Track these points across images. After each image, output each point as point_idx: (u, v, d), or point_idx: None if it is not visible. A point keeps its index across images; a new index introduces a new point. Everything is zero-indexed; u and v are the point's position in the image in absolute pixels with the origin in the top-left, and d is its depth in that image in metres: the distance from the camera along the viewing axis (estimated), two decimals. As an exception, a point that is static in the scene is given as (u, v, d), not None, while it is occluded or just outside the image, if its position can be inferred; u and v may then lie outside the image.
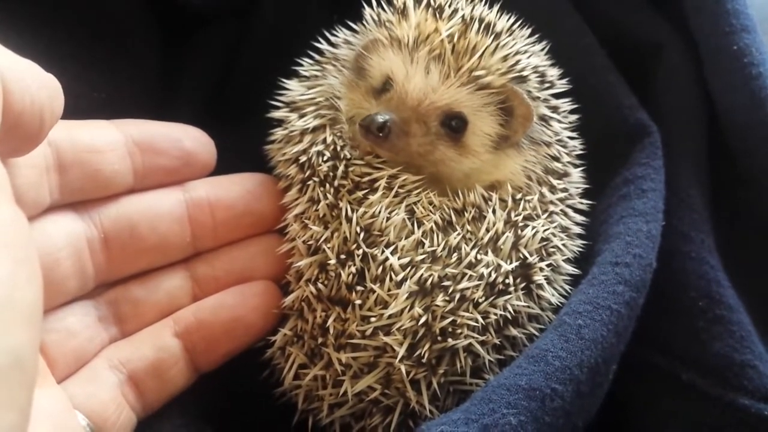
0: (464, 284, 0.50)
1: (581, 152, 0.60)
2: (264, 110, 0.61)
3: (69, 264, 0.50)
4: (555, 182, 0.57)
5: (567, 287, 0.55)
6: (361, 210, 0.53)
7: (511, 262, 0.52)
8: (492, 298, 0.51)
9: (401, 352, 0.49)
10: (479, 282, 0.51)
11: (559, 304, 0.54)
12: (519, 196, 0.56)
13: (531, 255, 0.53)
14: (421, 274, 0.51)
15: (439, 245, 0.52)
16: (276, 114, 0.60)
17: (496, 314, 0.51)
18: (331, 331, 0.52)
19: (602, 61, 0.65)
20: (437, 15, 0.55)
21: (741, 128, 0.58)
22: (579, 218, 0.58)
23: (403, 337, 0.50)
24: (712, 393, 0.52)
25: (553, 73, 0.59)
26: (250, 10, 0.72)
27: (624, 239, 0.54)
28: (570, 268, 0.56)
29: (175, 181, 0.57)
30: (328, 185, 0.54)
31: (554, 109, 0.58)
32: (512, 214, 0.54)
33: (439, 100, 0.55)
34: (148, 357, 0.53)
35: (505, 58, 0.55)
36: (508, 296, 0.51)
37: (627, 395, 0.57)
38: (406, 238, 0.52)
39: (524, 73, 0.55)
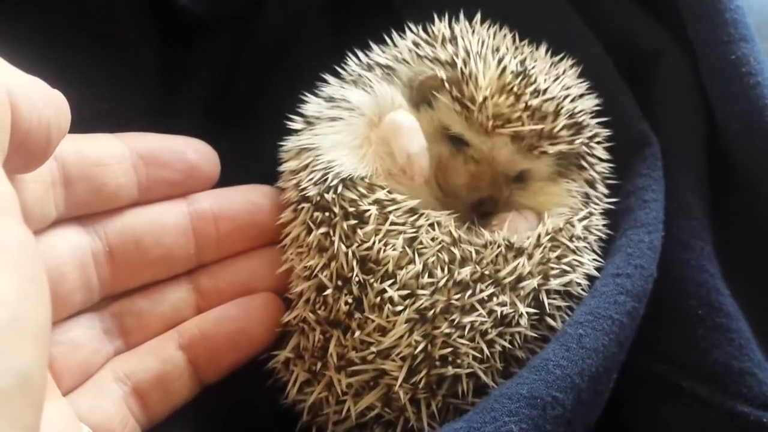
0: (471, 318, 0.51)
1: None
2: (265, 117, 0.63)
3: (74, 277, 0.52)
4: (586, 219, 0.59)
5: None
6: (357, 239, 0.53)
7: (529, 305, 0.53)
8: (501, 328, 0.52)
9: (401, 376, 0.51)
10: (488, 318, 0.52)
11: None
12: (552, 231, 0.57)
13: (552, 300, 0.54)
14: (422, 303, 0.51)
15: (442, 278, 0.52)
16: (292, 125, 0.61)
17: (502, 345, 0.52)
18: (331, 352, 0.53)
19: (608, 69, 0.66)
20: (511, 88, 0.56)
21: (739, 136, 0.60)
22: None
23: (402, 362, 0.51)
24: (712, 400, 0.54)
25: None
26: (250, 17, 0.73)
27: (625, 251, 0.56)
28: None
29: (179, 194, 0.59)
30: (319, 212, 0.55)
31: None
32: (541, 257, 0.54)
33: (519, 165, 0.59)
34: (152, 369, 0.55)
35: (571, 126, 0.58)
36: (519, 328, 0.52)
37: (627, 403, 0.58)
38: (406, 268, 0.52)
39: (588, 132, 0.59)
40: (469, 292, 0.52)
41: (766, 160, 0.57)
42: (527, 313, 0.52)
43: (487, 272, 0.53)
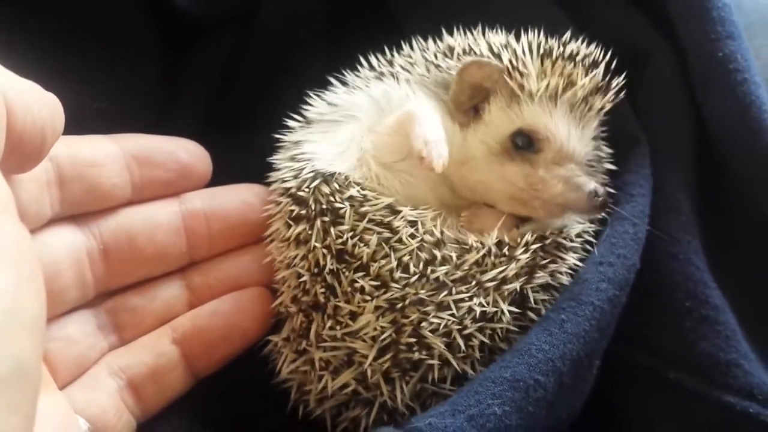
0: (445, 314, 0.52)
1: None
2: (262, 118, 0.64)
3: (70, 274, 0.54)
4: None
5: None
6: (333, 235, 0.54)
7: (512, 303, 0.54)
8: (482, 323, 0.53)
9: (370, 355, 0.53)
10: (467, 315, 0.53)
11: None
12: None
13: (536, 295, 0.55)
14: (392, 294, 0.53)
15: (415, 274, 0.53)
16: (291, 123, 0.63)
17: (482, 339, 0.53)
18: (312, 332, 0.55)
19: None
20: (562, 62, 0.58)
21: (727, 133, 0.61)
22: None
23: (372, 341, 0.53)
24: (699, 391, 0.56)
25: None
26: (249, 19, 0.75)
27: (609, 241, 0.57)
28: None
29: (172, 193, 0.61)
30: (297, 206, 0.57)
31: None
32: (528, 260, 0.55)
33: (589, 150, 0.59)
34: (146, 363, 0.57)
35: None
36: (502, 324, 0.54)
37: (615, 395, 0.60)
38: (380, 262, 0.53)
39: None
40: (446, 291, 0.53)
41: (753, 156, 0.59)
42: (509, 311, 0.54)
43: (470, 274, 0.54)
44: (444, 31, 0.63)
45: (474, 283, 0.54)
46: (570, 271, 0.57)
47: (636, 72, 0.66)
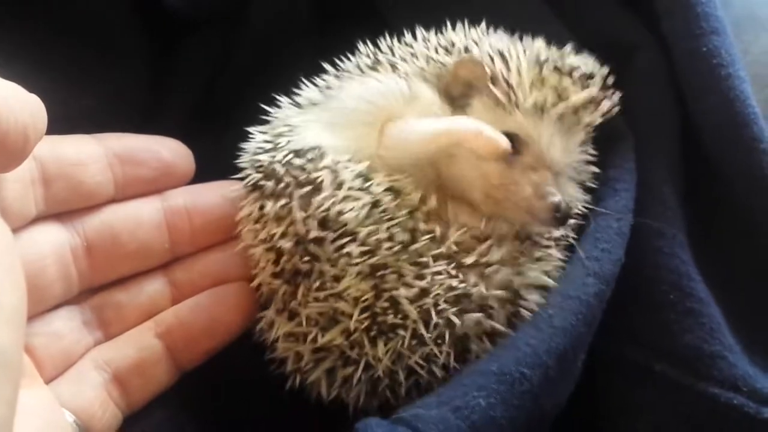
0: (422, 284, 0.53)
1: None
2: (250, 116, 0.64)
3: (54, 270, 0.55)
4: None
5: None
6: (314, 203, 0.55)
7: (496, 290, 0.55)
8: (459, 306, 0.54)
9: (354, 314, 0.54)
10: (444, 291, 0.54)
11: None
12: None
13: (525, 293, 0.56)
14: (376, 260, 0.54)
15: (399, 244, 0.54)
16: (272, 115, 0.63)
17: (455, 321, 0.54)
18: (299, 294, 0.56)
19: None
20: (556, 74, 0.58)
21: (712, 128, 0.62)
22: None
23: (355, 302, 0.54)
24: (684, 383, 0.56)
25: None
26: (236, 17, 0.76)
27: (594, 236, 0.58)
28: None
29: (155, 190, 0.62)
30: (271, 181, 0.57)
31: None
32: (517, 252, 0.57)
33: (570, 162, 0.59)
34: (131, 357, 0.58)
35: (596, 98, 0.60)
36: (483, 315, 0.54)
37: (601, 387, 0.61)
38: (367, 228, 0.54)
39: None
40: (424, 265, 0.54)
41: (738, 149, 0.60)
42: (495, 296, 0.54)
43: (452, 252, 0.55)
44: (449, 26, 0.63)
45: (454, 264, 0.54)
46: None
47: (622, 67, 0.67)
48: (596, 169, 0.62)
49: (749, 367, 0.56)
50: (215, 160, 0.64)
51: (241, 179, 0.61)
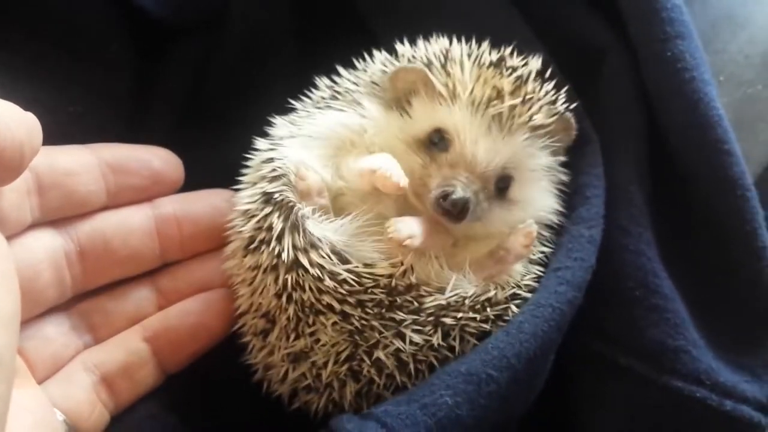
0: (398, 344, 0.56)
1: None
2: (233, 123, 0.67)
3: (48, 275, 0.58)
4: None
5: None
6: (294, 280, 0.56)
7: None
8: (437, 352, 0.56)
9: (330, 362, 0.57)
10: (422, 347, 0.56)
11: None
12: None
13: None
14: (353, 325, 0.56)
15: (375, 317, 0.56)
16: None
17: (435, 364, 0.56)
18: (273, 335, 0.59)
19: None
20: (496, 70, 0.60)
21: (677, 129, 0.63)
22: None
23: (330, 349, 0.57)
24: (649, 376, 0.58)
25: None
26: (218, 25, 0.78)
27: (566, 246, 0.60)
28: None
29: (145, 198, 0.65)
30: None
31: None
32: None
33: (500, 161, 0.59)
34: (119, 360, 0.60)
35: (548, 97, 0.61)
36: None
37: (568, 381, 0.63)
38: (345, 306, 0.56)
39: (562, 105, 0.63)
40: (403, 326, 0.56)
41: (703, 151, 0.61)
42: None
43: (429, 314, 0.56)
44: (397, 41, 0.65)
45: (433, 320, 0.56)
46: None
47: (592, 69, 0.69)
48: (564, 177, 0.64)
49: (713, 361, 0.58)
50: (199, 166, 0.67)
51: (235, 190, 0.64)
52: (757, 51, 0.81)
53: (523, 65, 0.62)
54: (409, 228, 0.56)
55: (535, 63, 0.63)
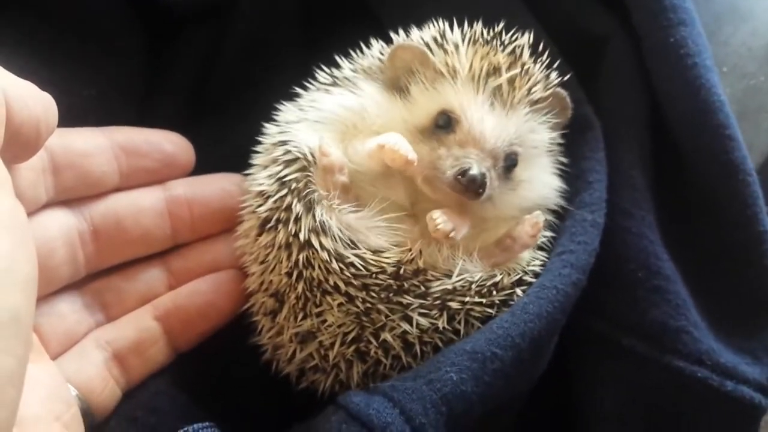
0: (405, 326, 0.57)
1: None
2: (243, 107, 0.68)
3: (63, 253, 0.59)
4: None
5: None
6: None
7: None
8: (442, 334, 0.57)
9: (336, 343, 0.58)
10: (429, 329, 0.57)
11: None
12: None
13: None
14: (359, 307, 0.57)
15: (382, 301, 0.57)
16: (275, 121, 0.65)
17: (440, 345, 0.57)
18: (282, 315, 0.60)
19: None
20: (491, 46, 0.61)
21: (680, 115, 0.64)
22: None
23: (337, 330, 0.58)
24: (650, 356, 0.59)
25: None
26: (228, 10, 0.79)
27: (570, 231, 0.61)
28: None
29: (157, 181, 0.66)
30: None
31: None
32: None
33: (507, 138, 0.59)
34: (130, 337, 0.62)
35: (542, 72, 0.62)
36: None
37: (571, 361, 0.63)
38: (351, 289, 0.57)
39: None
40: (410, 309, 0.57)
41: (705, 136, 0.62)
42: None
43: (435, 298, 0.57)
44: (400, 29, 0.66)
45: (439, 303, 0.57)
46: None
47: (594, 56, 0.70)
48: (566, 161, 0.65)
49: (714, 342, 0.59)
50: (208, 151, 0.68)
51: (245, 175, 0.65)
52: (760, 43, 0.82)
53: (514, 40, 0.62)
54: (451, 220, 0.57)
55: (527, 37, 0.63)
